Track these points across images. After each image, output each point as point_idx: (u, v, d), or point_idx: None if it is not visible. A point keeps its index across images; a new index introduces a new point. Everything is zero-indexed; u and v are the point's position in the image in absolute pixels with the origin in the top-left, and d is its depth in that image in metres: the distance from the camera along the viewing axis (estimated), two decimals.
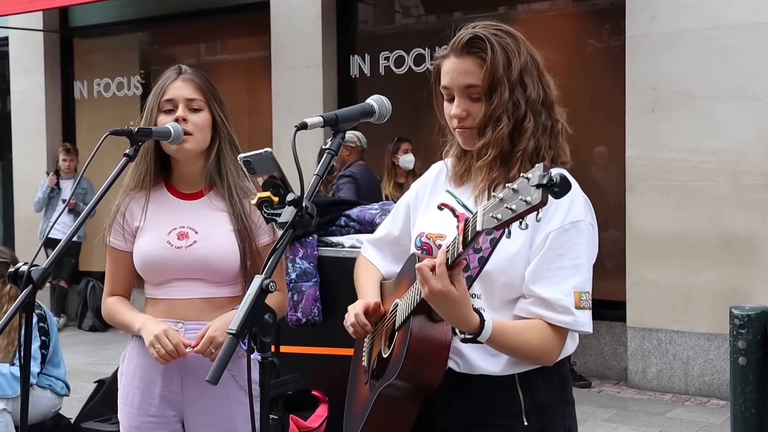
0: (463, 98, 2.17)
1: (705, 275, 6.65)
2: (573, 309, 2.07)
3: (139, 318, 2.69)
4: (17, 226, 10.92)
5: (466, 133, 2.19)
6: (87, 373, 7.29)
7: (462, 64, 2.16)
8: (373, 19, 9.64)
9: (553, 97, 2.21)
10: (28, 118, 10.82)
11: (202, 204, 2.73)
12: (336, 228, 4.84)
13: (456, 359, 2.16)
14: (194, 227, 2.69)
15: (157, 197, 2.75)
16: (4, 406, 4.65)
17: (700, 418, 6.18)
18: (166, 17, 10.11)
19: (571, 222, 2.09)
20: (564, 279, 2.07)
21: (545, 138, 2.16)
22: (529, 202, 1.69)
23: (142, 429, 2.72)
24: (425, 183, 2.40)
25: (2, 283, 4.74)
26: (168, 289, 2.70)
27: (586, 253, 2.11)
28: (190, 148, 2.66)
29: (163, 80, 2.71)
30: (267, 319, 1.80)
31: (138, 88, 10.42)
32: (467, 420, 2.18)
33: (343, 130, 2.05)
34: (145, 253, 2.69)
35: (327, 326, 4.65)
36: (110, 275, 2.81)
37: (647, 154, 6.88)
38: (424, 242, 2.24)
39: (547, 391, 2.18)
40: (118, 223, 2.75)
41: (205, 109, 2.69)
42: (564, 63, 8.01)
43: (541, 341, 2.09)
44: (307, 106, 8.17)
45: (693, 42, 6.69)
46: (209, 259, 2.65)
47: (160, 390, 2.69)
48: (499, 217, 1.74)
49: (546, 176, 1.68)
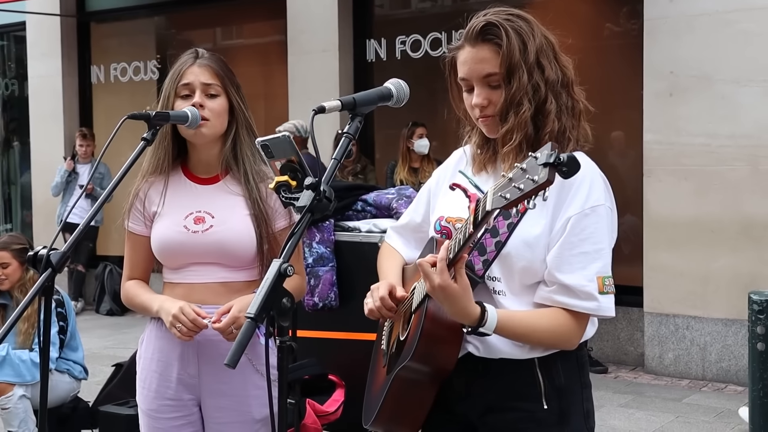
0: (482, 87, 2.16)
1: (723, 260, 6.61)
2: (596, 294, 2.07)
3: (156, 299, 2.70)
4: (35, 210, 10.98)
5: (489, 122, 2.18)
6: (105, 357, 7.34)
7: (478, 53, 2.15)
8: (389, 3, 9.60)
9: (571, 77, 2.20)
10: (45, 102, 10.86)
11: (219, 188, 2.73)
12: (352, 213, 4.83)
13: (476, 343, 2.16)
14: (211, 212, 2.69)
15: (174, 182, 2.75)
16: (24, 392, 4.69)
17: (717, 404, 6.16)
18: (182, 1, 10.11)
19: (591, 206, 2.08)
20: (587, 264, 2.07)
21: (569, 119, 2.16)
22: (536, 181, 1.70)
23: (160, 412, 2.73)
24: (446, 169, 2.40)
25: (25, 269, 4.76)
26: (185, 274, 2.71)
27: (607, 238, 2.11)
28: (207, 133, 2.65)
29: (180, 64, 2.70)
30: (285, 303, 1.80)
31: (154, 72, 10.43)
32: (487, 404, 2.19)
33: (361, 114, 2.04)
34: (162, 238, 2.70)
35: (344, 311, 4.66)
36: (129, 259, 2.83)
37: (665, 139, 6.84)
38: (444, 226, 2.24)
39: (566, 374, 2.18)
40: (136, 208, 2.76)
41: (222, 95, 2.68)
42: (581, 47, 7.96)
43: (556, 328, 2.09)
44: (323, 91, 8.16)
45: (712, 25, 6.63)
46: (225, 243, 2.65)
47: (177, 373, 2.70)
48: (508, 196, 1.75)
49: (553, 155, 1.68)
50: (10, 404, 4.64)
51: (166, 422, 2.73)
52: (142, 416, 2.79)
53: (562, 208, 2.09)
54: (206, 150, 2.73)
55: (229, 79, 2.70)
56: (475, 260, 2.12)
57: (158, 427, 2.75)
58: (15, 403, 4.64)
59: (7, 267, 4.75)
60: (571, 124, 2.16)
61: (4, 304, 4.81)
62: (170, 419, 2.73)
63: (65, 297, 4.94)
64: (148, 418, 2.77)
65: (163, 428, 2.74)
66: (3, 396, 4.64)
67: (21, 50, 11.55)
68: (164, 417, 2.73)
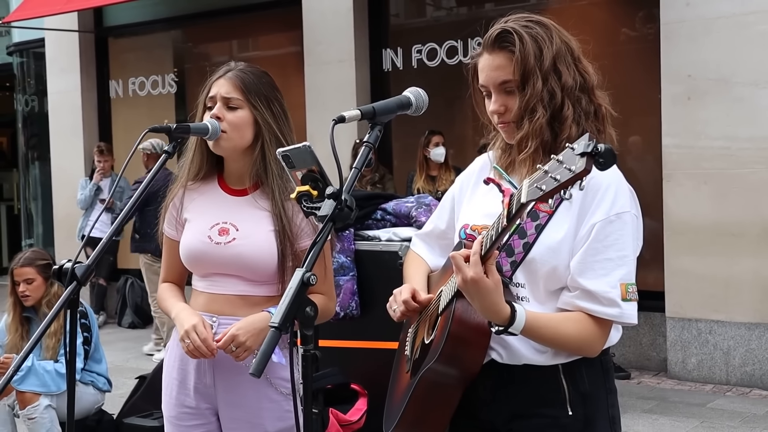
0: (499, 94, 2.17)
1: (744, 264, 6.57)
2: (619, 301, 2.07)
3: (175, 307, 2.73)
4: (56, 225, 11.06)
5: (507, 128, 2.19)
6: (127, 370, 7.37)
7: (494, 60, 2.16)
8: (404, 13, 9.62)
9: (593, 82, 2.20)
10: (64, 118, 10.94)
11: (246, 202, 2.73)
12: (372, 222, 4.85)
13: (499, 350, 2.16)
14: (236, 224, 2.70)
15: (208, 190, 2.77)
16: (49, 402, 4.72)
17: (742, 409, 6.12)
18: (199, 15, 10.17)
19: (616, 213, 2.09)
20: (610, 271, 2.07)
21: (589, 124, 2.16)
22: (573, 170, 1.69)
23: (180, 419, 2.76)
24: (469, 176, 2.40)
25: (50, 284, 4.79)
26: (209, 283, 2.73)
27: (631, 245, 2.10)
28: (225, 146, 2.65)
29: (212, 77, 2.73)
30: (309, 312, 1.81)
31: (172, 86, 10.50)
32: (512, 411, 2.19)
33: (380, 123, 2.05)
34: (187, 246, 2.73)
35: (365, 320, 4.67)
36: (164, 262, 2.86)
37: (684, 143, 6.81)
38: (469, 234, 2.25)
39: (590, 380, 2.17)
40: (171, 214, 2.79)
41: (244, 108, 2.66)
42: (598, 52, 7.89)
43: (580, 333, 2.09)
44: (341, 101, 8.18)
45: (730, 27, 6.61)
46: (246, 257, 2.66)
47: (193, 382, 2.72)
48: (543, 187, 1.74)
49: (591, 144, 1.68)
50: (36, 414, 4.68)
51: (187, 429, 2.75)
52: (166, 423, 2.82)
53: (587, 214, 2.09)
54: (234, 162, 2.73)
55: (255, 92, 2.67)
56: (503, 261, 2.13)
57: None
58: (41, 413, 4.68)
59: (32, 283, 4.78)
60: (594, 128, 2.16)
61: (28, 317, 4.85)
62: (190, 427, 2.75)
63: (88, 309, 4.97)
64: (171, 425, 2.79)
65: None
66: (29, 406, 4.68)
67: (40, 66, 11.64)
68: (184, 425, 2.76)
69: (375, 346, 4.52)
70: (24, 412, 4.70)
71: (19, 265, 4.81)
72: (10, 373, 2.07)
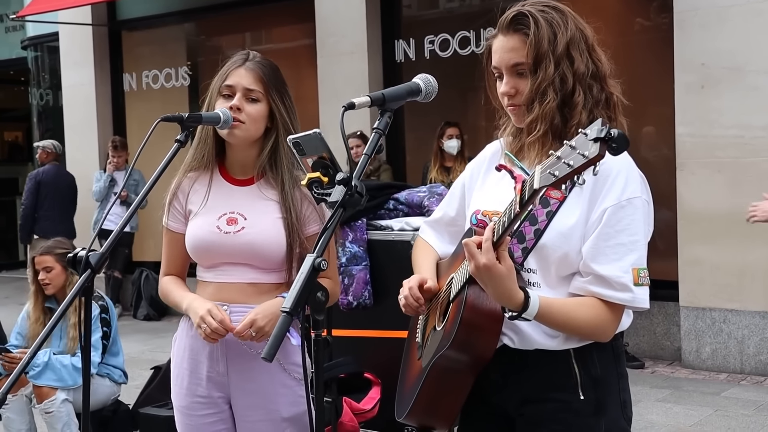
0: (511, 76, 2.18)
1: (758, 252, 6.55)
2: (631, 286, 2.08)
3: (186, 297, 2.74)
4: None
5: (516, 111, 2.20)
6: (143, 361, 7.42)
7: (508, 42, 2.17)
8: (417, 3, 9.62)
9: (606, 70, 2.21)
10: (79, 111, 10.99)
11: (253, 191, 2.75)
12: (384, 211, 4.86)
13: (511, 335, 2.18)
14: (243, 213, 2.71)
15: (209, 181, 2.78)
16: (66, 396, 4.75)
17: (756, 398, 6.11)
18: (211, 7, 10.19)
19: (627, 198, 2.09)
20: (622, 256, 2.07)
21: (599, 111, 2.16)
22: (587, 156, 1.70)
23: (192, 409, 2.76)
24: (480, 162, 2.41)
25: (70, 273, 4.82)
26: (217, 273, 2.74)
27: (642, 230, 2.11)
28: (240, 135, 2.67)
29: (229, 64, 2.73)
30: (320, 297, 1.83)
31: (186, 79, 10.53)
32: (523, 395, 2.20)
33: (390, 110, 2.06)
34: (196, 237, 2.73)
35: (378, 309, 4.68)
36: (165, 255, 2.86)
37: (697, 131, 6.79)
38: (480, 219, 2.25)
39: (602, 364, 2.18)
40: (174, 207, 2.80)
41: (263, 101, 2.69)
42: (611, 42, 7.87)
43: (593, 318, 2.10)
44: (353, 92, 8.11)
45: (743, 15, 6.57)
46: (255, 246, 2.68)
47: (206, 371, 2.73)
48: (556, 173, 1.75)
49: (604, 130, 1.68)
50: (53, 408, 4.71)
51: (199, 419, 2.76)
52: (177, 413, 2.83)
53: (598, 199, 2.09)
54: (242, 152, 2.75)
55: (274, 85, 2.71)
56: (514, 248, 2.13)
57: (191, 424, 2.78)
58: (58, 407, 4.71)
59: (51, 271, 4.82)
60: (605, 116, 2.16)
61: (50, 308, 4.88)
62: (202, 416, 2.76)
63: (109, 303, 4.98)
64: (182, 415, 2.80)
65: (195, 425, 2.77)
66: (46, 400, 4.71)
67: (54, 60, 11.70)
68: (196, 414, 2.76)
69: (388, 335, 4.53)
70: (41, 406, 4.73)
71: (39, 253, 4.87)
72: (21, 368, 2.09)
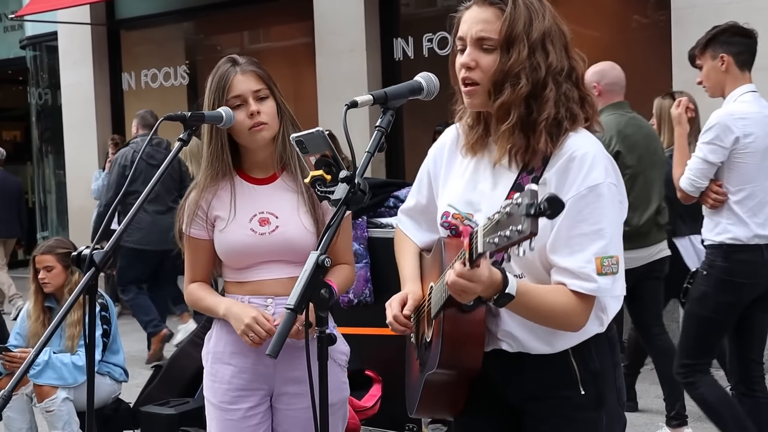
0: (474, 47, 2.12)
1: None
2: (595, 276, 2.03)
3: (221, 303, 2.80)
4: (71, 217, 11.13)
5: (472, 91, 2.13)
6: (142, 360, 7.43)
7: (481, 13, 2.12)
8: (415, 2, 9.63)
9: (581, 72, 2.16)
10: (78, 110, 11.00)
11: (277, 187, 2.82)
12: (385, 209, 4.87)
13: (509, 341, 2.18)
14: (274, 212, 2.78)
15: (231, 185, 2.82)
16: (67, 395, 4.75)
17: None
18: (210, 6, 10.20)
19: (588, 187, 2.05)
20: (584, 246, 2.04)
21: (573, 107, 2.11)
22: (521, 231, 1.66)
23: (233, 403, 2.82)
24: (440, 150, 2.36)
25: (70, 272, 4.83)
26: (253, 272, 2.80)
27: (608, 216, 2.05)
28: (267, 135, 2.76)
29: (224, 76, 2.75)
30: (323, 294, 1.84)
31: (184, 78, 10.54)
32: (525, 394, 2.22)
33: (392, 108, 2.06)
34: (231, 242, 2.78)
35: (379, 306, 4.64)
36: (190, 263, 2.90)
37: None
38: (451, 222, 2.23)
39: (600, 358, 2.19)
40: (198, 215, 2.83)
41: (270, 97, 2.77)
42: (609, 39, 7.93)
43: (564, 306, 2.06)
44: (352, 90, 8.16)
45: (741, 12, 6.58)
46: (293, 242, 2.75)
47: (252, 364, 2.79)
48: (496, 241, 1.72)
49: (533, 206, 1.63)
50: (54, 407, 4.72)
51: (237, 413, 2.82)
52: (213, 410, 2.87)
53: (561, 191, 2.05)
54: (262, 151, 2.81)
55: (271, 80, 2.80)
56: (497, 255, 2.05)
57: (229, 419, 2.83)
58: (59, 406, 4.72)
59: (51, 270, 4.83)
60: (580, 114, 2.12)
61: (50, 307, 4.89)
62: (243, 410, 2.81)
63: (109, 301, 4.99)
64: (220, 411, 2.85)
65: (233, 419, 2.82)
66: (47, 399, 4.72)
67: (53, 60, 11.70)
68: (236, 408, 2.81)
69: (389, 333, 4.47)
70: (42, 405, 4.73)
71: (40, 252, 4.88)
72: (25, 366, 2.11)
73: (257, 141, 2.75)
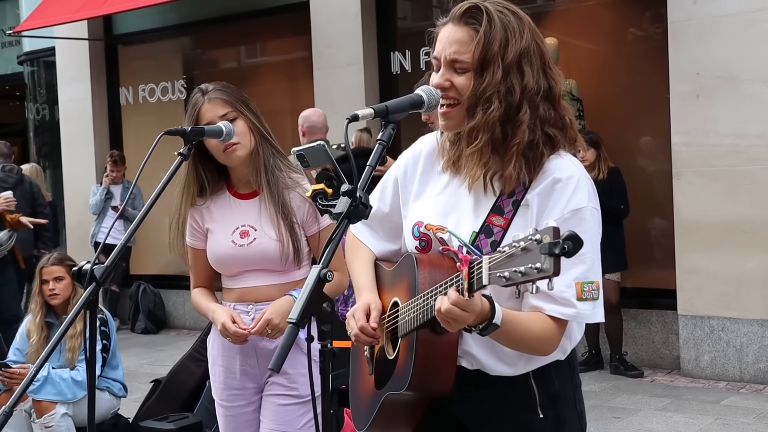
0: (448, 68, 2.07)
1: (756, 260, 6.57)
2: (574, 301, 1.98)
3: (210, 308, 3.08)
4: (69, 231, 11.11)
5: (449, 113, 2.09)
6: (141, 375, 7.41)
7: (456, 33, 2.06)
8: (412, 16, 9.66)
9: (559, 92, 2.10)
10: (76, 125, 11.00)
11: (258, 202, 3.04)
12: None
13: (469, 359, 2.12)
14: (253, 225, 3.02)
15: (221, 200, 3.09)
16: (66, 410, 4.74)
17: (756, 405, 6.12)
18: (207, 21, 10.21)
19: (571, 210, 2.01)
20: (565, 270, 1.89)
21: (552, 130, 2.06)
22: (541, 270, 1.62)
23: (229, 401, 3.14)
24: (414, 159, 2.29)
25: (75, 288, 4.85)
26: (239, 280, 3.07)
27: (590, 241, 1.97)
28: (242, 154, 2.98)
29: (194, 106, 2.97)
30: (325, 307, 1.84)
31: (182, 92, 10.55)
32: (482, 415, 2.15)
33: (393, 121, 2.03)
34: (216, 253, 3.07)
35: None
36: (192, 270, 3.20)
37: (693, 141, 6.82)
38: (423, 233, 2.17)
39: (559, 380, 2.15)
40: (192, 227, 3.11)
41: (239, 117, 2.97)
42: (606, 52, 7.95)
43: (542, 332, 2.01)
44: (350, 104, 8.21)
45: (737, 25, 6.62)
46: (267, 253, 2.99)
47: (239, 365, 3.09)
48: (507, 276, 1.68)
49: (558, 246, 1.60)
50: (53, 422, 4.70)
51: (236, 409, 3.13)
52: (218, 407, 3.19)
53: (543, 214, 2.01)
54: (242, 169, 3.04)
55: (239, 101, 2.99)
56: None
57: (230, 415, 3.15)
58: (58, 421, 4.70)
59: (62, 281, 4.83)
60: (559, 136, 2.07)
61: (50, 323, 4.88)
62: (239, 406, 3.13)
63: (108, 316, 4.99)
64: (221, 408, 3.17)
65: (234, 415, 3.14)
66: (46, 414, 4.70)
67: (51, 75, 11.71)
68: (234, 405, 3.13)
69: None
70: (41, 420, 4.72)
71: (49, 263, 4.88)
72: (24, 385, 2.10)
73: (233, 160, 2.97)
